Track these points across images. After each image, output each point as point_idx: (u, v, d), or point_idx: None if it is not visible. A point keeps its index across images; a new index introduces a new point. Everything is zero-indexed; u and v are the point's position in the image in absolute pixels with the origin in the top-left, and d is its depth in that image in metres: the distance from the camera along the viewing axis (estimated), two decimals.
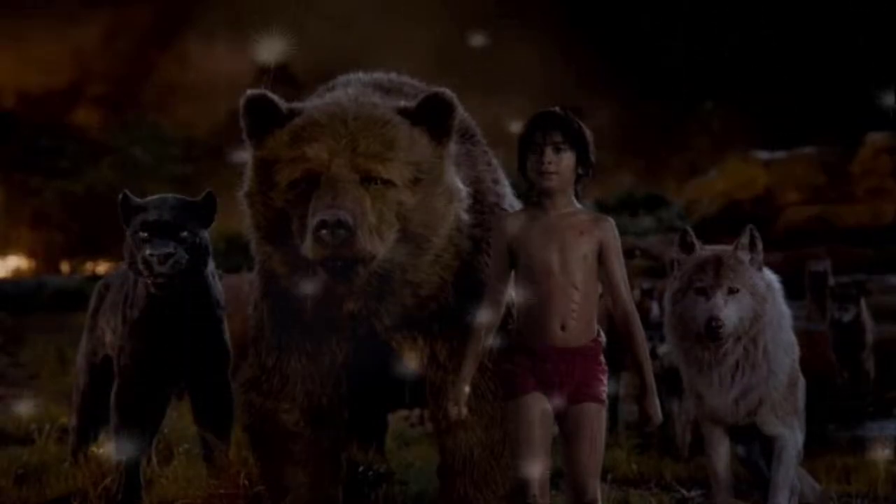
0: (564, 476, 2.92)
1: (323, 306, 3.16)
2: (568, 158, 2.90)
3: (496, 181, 3.54)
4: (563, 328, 2.87)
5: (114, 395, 3.91)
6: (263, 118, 3.12)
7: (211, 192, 3.85)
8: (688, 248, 3.62)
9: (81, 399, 4.36)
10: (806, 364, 3.83)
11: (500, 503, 3.32)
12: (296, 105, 3.18)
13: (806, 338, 4.20)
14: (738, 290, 3.48)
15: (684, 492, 4.57)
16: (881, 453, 4.78)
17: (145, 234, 3.65)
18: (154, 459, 4.38)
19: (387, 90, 3.41)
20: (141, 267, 3.63)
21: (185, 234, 3.68)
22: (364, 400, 3.60)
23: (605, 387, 2.92)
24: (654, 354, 5.38)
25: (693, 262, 3.57)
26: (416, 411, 6.42)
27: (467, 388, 2.96)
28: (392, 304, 3.16)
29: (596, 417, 2.88)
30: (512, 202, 3.54)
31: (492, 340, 3.01)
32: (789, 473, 3.60)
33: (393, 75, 3.60)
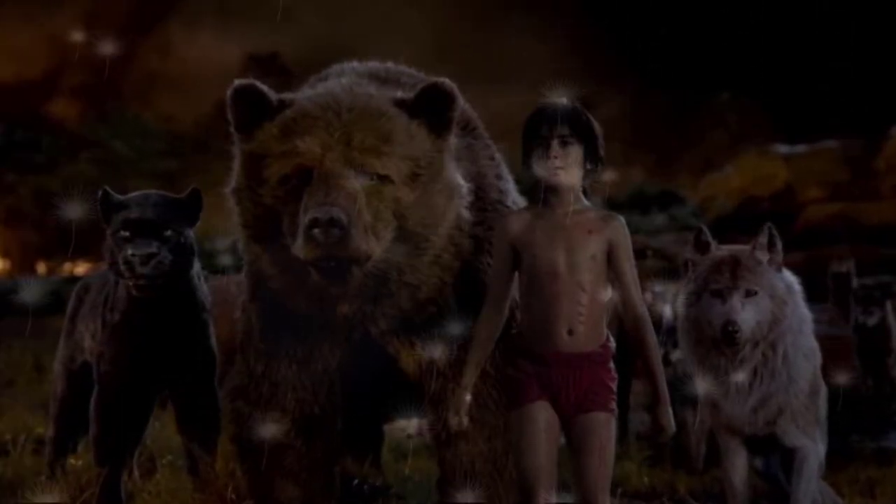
0: (572, 489, 2.93)
1: (315, 309, 3.17)
2: (575, 152, 2.90)
3: (499, 177, 3.54)
4: (570, 332, 2.87)
5: (93, 404, 3.91)
6: (252, 110, 3.12)
7: (196, 189, 3.85)
8: (703, 247, 3.63)
9: (59, 408, 4.36)
10: (828, 371, 3.83)
11: None
12: (287, 96, 3.18)
13: (828, 343, 4.20)
14: (755, 293, 3.49)
15: None
16: None
17: (127, 233, 3.65)
18: (136, 472, 4.38)
19: (383, 80, 3.41)
20: (122, 268, 3.63)
21: (168, 233, 3.68)
22: (359, 409, 3.60)
23: (614, 395, 2.93)
24: (666, 361, 5.38)
25: (708, 262, 3.57)
26: (414, 421, 6.42)
27: (468, 397, 2.97)
28: (388, 307, 3.16)
29: (605, 427, 2.89)
30: (516, 199, 3.54)
31: (494, 346, 3.02)
32: (810, 487, 3.61)
33: (390, 65, 3.60)
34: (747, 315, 3.46)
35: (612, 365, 2.94)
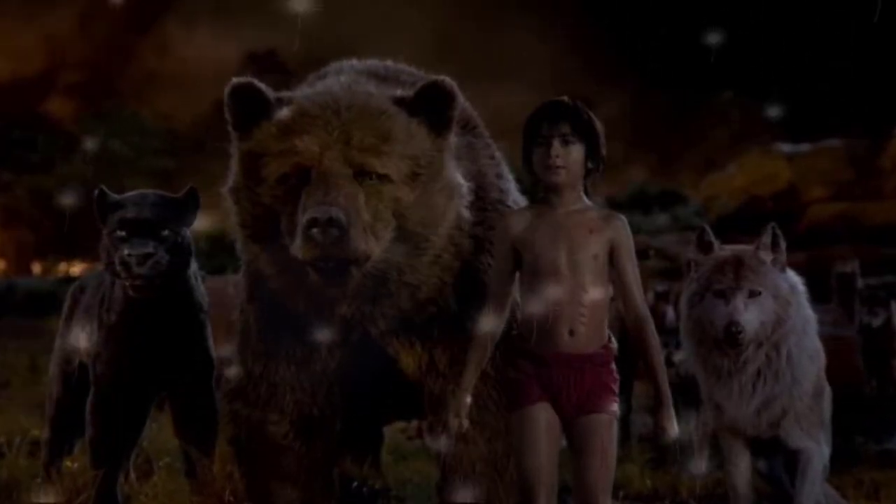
0: (573, 492, 2.92)
1: (314, 310, 3.16)
2: (577, 151, 2.89)
3: (500, 176, 3.54)
4: (571, 333, 2.86)
5: (89, 406, 3.91)
6: (250, 108, 3.11)
7: (193, 188, 3.84)
8: (705, 247, 3.62)
9: (55, 410, 4.35)
10: (832, 372, 3.82)
11: None
12: (285, 94, 3.18)
13: (832, 344, 4.20)
14: (759, 293, 3.48)
15: None
16: None
17: (123, 233, 3.64)
18: (132, 474, 4.38)
19: (382, 78, 3.40)
20: (119, 268, 3.62)
21: (165, 232, 3.67)
22: (358, 410, 3.59)
23: (616, 397, 2.92)
24: (669, 362, 5.38)
25: (711, 262, 3.56)
26: (414, 423, 6.42)
27: (469, 398, 2.96)
28: (388, 308, 3.16)
29: (606, 429, 2.88)
30: (516, 198, 3.54)
31: (494, 347, 3.01)
32: (814, 489, 3.60)
33: (389, 62, 3.59)
34: (750, 316, 3.45)
35: (613, 366, 2.94)
